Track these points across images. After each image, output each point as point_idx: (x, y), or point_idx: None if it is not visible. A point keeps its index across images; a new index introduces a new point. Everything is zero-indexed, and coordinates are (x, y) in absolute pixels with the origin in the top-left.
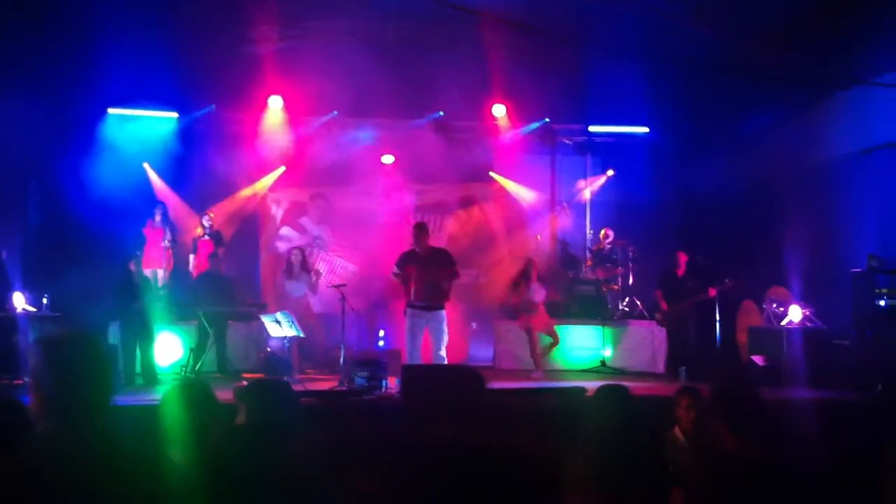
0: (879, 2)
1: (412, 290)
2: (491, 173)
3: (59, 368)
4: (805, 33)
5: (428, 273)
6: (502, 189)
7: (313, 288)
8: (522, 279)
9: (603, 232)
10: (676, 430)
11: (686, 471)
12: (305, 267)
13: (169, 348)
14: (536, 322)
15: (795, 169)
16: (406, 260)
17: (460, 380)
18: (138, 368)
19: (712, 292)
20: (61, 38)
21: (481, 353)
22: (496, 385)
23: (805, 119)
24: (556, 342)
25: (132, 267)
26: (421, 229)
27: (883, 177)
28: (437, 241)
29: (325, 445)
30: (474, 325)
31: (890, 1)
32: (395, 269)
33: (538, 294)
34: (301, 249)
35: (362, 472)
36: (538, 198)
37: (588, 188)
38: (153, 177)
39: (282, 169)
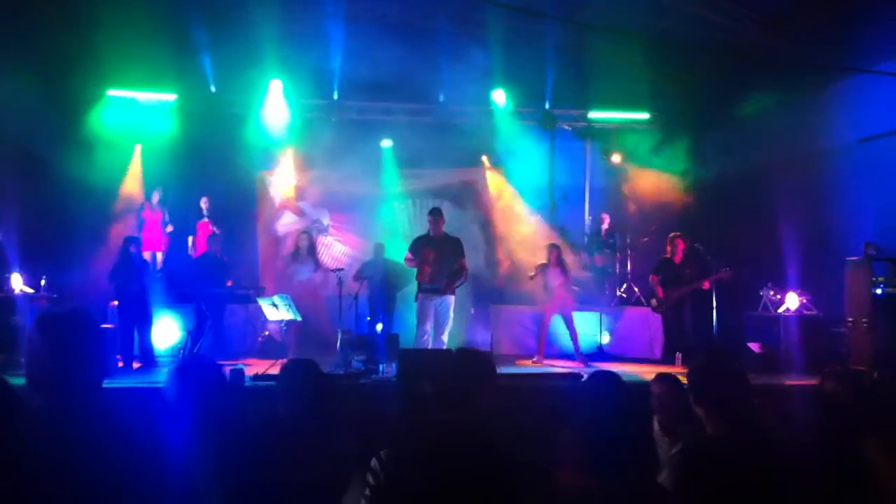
0: None
1: (426, 274)
2: (484, 158)
3: (54, 345)
4: (804, 19)
5: (442, 258)
6: (500, 174)
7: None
8: (544, 263)
9: (601, 218)
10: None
11: (662, 457)
12: (313, 251)
13: (167, 331)
14: (550, 306)
15: (794, 156)
16: (420, 244)
17: (471, 362)
18: (136, 350)
19: (706, 285)
20: (59, 19)
21: (479, 338)
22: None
23: (804, 107)
24: (572, 332)
25: (132, 249)
26: (436, 214)
27: (881, 166)
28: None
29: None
30: (472, 310)
31: None
32: (409, 255)
33: (556, 279)
34: (309, 233)
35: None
36: (536, 183)
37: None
38: (145, 160)
39: (289, 151)
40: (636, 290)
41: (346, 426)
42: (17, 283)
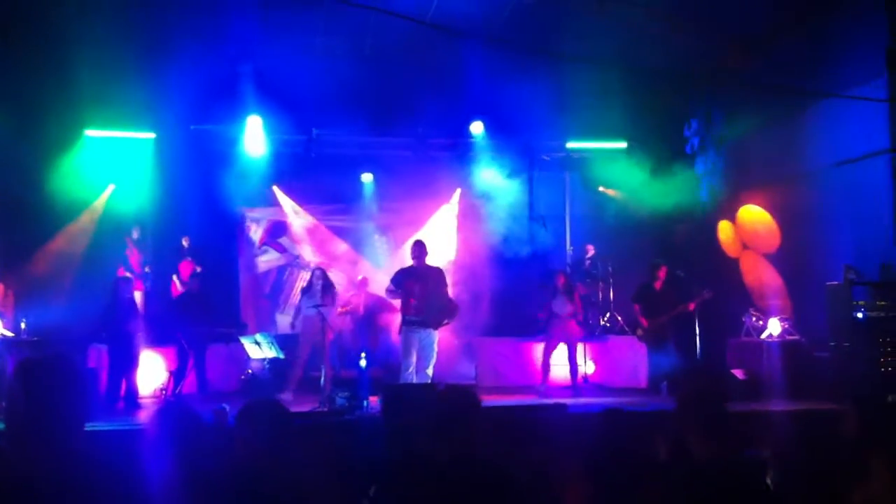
0: (849, 15)
1: (412, 307)
2: (460, 190)
3: (33, 392)
4: (778, 46)
5: (427, 290)
6: (480, 206)
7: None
8: (549, 292)
9: (586, 248)
10: None
11: None
12: (327, 288)
13: (149, 372)
14: (557, 335)
15: (772, 181)
16: (404, 277)
17: (455, 399)
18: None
19: (691, 306)
20: (37, 60)
21: (463, 370)
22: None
23: (780, 131)
24: (572, 363)
25: (123, 290)
26: (421, 246)
27: (858, 189)
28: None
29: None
30: (455, 342)
31: (859, 14)
32: (391, 286)
33: (563, 307)
34: (323, 270)
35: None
36: (516, 214)
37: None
38: (125, 199)
39: (269, 187)
40: (619, 318)
41: (322, 467)
42: None
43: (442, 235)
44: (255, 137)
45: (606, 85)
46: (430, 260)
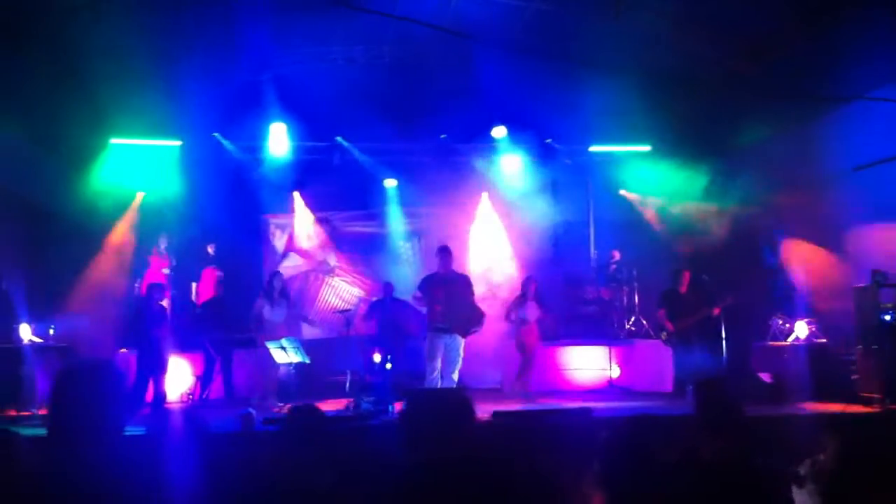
0: (866, 19)
1: (437, 313)
2: (486, 195)
3: (73, 397)
4: (794, 51)
5: (453, 296)
6: (504, 210)
7: (298, 317)
8: (521, 296)
9: (612, 254)
10: None
11: None
12: (284, 293)
13: (176, 377)
14: (528, 340)
15: (795, 184)
16: (430, 283)
17: (451, 402)
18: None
19: (716, 311)
20: (61, 71)
21: (489, 376)
22: (504, 407)
23: (800, 135)
24: (530, 366)
25: (157, 297)
26: (445, 253)
27: (883, 191)
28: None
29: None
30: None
31: (875, 18)
32: (417, 293)
33: (532, 312)
34: (281, 275)
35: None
36: (540, 218)
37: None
38: (151, 207)
39: (293, 194)
40: (644, 322)
41: (348, 471)
42: (26, 333)
43: (467, 240)
44: (278, 144)
45: (628, 89)
46: (456, 265)
